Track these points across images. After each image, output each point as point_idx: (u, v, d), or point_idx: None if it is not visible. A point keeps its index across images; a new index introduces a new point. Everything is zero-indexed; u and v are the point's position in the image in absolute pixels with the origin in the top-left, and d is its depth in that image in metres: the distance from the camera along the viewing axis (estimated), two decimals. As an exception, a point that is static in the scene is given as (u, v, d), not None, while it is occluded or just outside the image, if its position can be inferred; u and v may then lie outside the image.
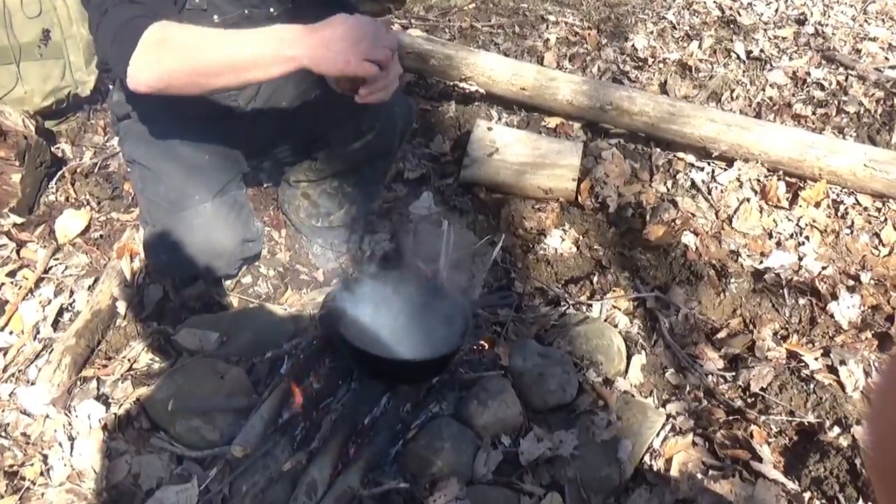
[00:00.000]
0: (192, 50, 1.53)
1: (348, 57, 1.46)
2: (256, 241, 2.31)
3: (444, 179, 3.09)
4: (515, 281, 2.60)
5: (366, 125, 2.28)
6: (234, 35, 1.54)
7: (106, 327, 2.33)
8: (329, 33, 1.49)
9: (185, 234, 2.08)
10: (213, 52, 1.52)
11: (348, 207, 2.58)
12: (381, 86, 1.57)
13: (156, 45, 1.54)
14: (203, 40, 1.54)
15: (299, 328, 2.24)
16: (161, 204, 2.09)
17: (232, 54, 1.50)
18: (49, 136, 3.12)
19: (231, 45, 1.51)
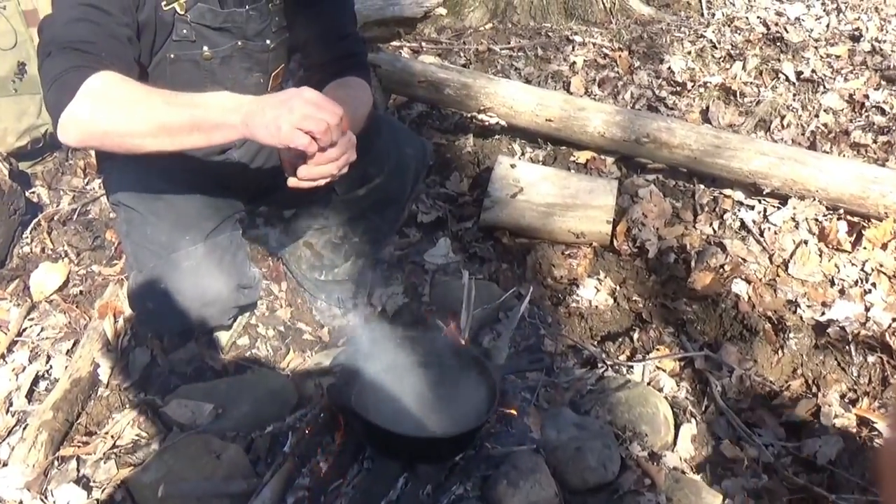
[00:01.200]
0: (128, 110, 1.58)
1: (279, 123, 1.49)
2: (253, 288, 2.30)
3: (463, 223, 3.08)
4: (545, 339, 2.57)
5: (373, 169, 2.28)
6: (176, 97, 1.58)
7: (86, 397, 2.31)
8: (270, 100, 1.55)
9: (174, 278, 2.08)
10: (149, 114, 1.56)
11: (355, 259, 2.57)
12: (319, 164, 1.60)
13: (91, 100, 1.58)
14: (141, 101, 1.58)
15: (304, 398, 2.23)
16: (148, 247, 2.10)
17: (169, 118, 1.56)
18: (23, 180, 3.15)
19: (170, 109, 1.56)
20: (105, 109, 1.59)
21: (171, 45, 1.92)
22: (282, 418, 2.10)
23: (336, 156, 1.62)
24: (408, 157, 2.33)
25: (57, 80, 1.60)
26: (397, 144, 2.28)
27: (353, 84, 2.04)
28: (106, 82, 1.60)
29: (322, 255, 2.56)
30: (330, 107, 1.56)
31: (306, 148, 1.54)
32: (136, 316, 2.31)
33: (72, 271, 2.79)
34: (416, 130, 3.60)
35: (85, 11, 1.70)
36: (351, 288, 2.65)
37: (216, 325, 2.35)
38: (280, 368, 2.43)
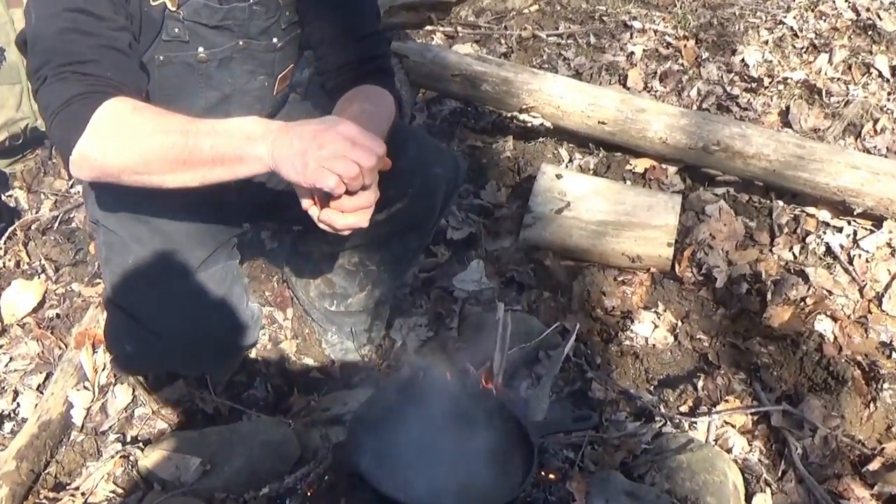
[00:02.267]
0: (141, 147, 1.58)
1: (306, 160, 1.48)
2: (251, 329, 2.25)
3: (500, 241, 3.03)
4: (593, 382, 2.49)
5: (395, 191, 2.17)
6: (194, 126, 1.57)
7: (57, 443, 2.27)
8: (300, 131, 1.52)
9: (158, 318, 2.02)
10: (165, 150, 1.56)
11: (371, 290, 2.50)
12: (345, 210, 1.58)
13: (100, 138, 1.58)
14: (156, 134, 1.57)
15: (307, 451, 2.17)
16: (128, 279, 2.03)
17: (188, 153, 1.55)
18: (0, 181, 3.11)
19: (187, 141, 1.55)
20: (117, 148, 1.60)
21: (159, 46, 1.84)
22: (280, 477, 2.04)
23: (366, 203, 1.59)
24: (436, 177, 2.25)
25: (60, 114, 1.60)
26: (424, 162, 2.20)
27: (373, 95, 1.95)
28: (115, 115, 1.60)
29: (333, 283, 2.50)
30: (367, 146, 1.52)
31: (332, 190, 1.51)
32: (113, 359, 2.27)
33: (49, 290, 2.74)
34: (447, 131, 3.56)
35: (73, 19, 1.64)
36: (365, 320, 2.58)
37: (207, 372, 2.34)
38: (281, 414, 2.37)
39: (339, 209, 1.58)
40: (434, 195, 2.27)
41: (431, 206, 2.30)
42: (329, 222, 1.60)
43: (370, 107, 1.89)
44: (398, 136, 2.16)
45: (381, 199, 2.16)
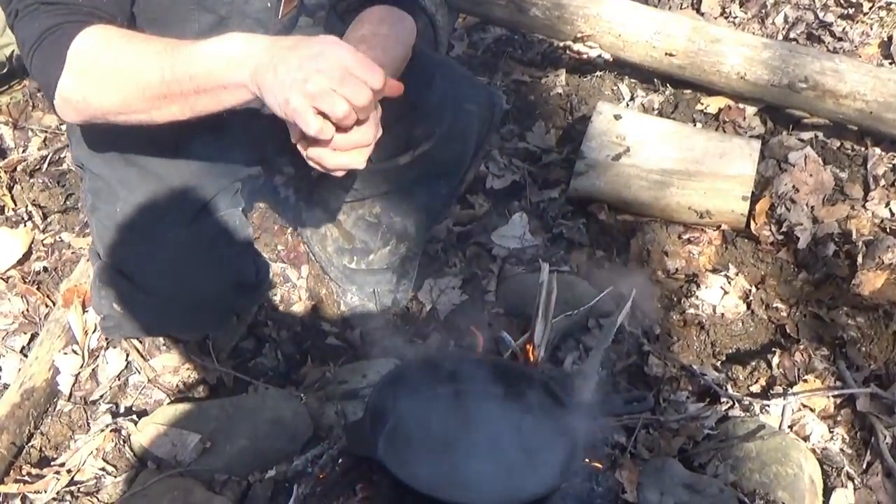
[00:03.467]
0: (118, 83, 1.61)
1: (287, 95, 1.45)
2: (257, 286, 2.26)
3: (546, 191, 3.01)
4: (650, 357, 2.48)
5: (421, 130, 2.19)
6: (172, 52, 1.58)
7: (42, 412, 2.29)
8: (285, 56, 1.48)
9: (149, 275, 2.02)
10: (142, 84, 1.58)
11: (395, 244, 2.51)
12: (337, 149, 1.53)
13: (77, 76, 1.62)
14: (132, 66, 1.59)
15: (320, 430, 2.17)
16: (116, 230, 2.03)
17: (167, 87, 1.56)
18: (-19, 116, 3.13)
19: (165, 71, 1.56)
20: (94, 87, 1.63)
21: None
22: (289, 458, 2.06)
23: (362, 141, 1.54)
24: (469, 115, 2.23)
25: (35, 52, 1.64)
26: (454, 98, 2.18)
27: (388, 17, 1.91)
28: (89, 50, 1.62)
29: (353, 237, 2.50)
30: (361, 77, 1.46)
31: (317, 135, 1.47)
32: (101, 321, 2.27)
33: (35, 240, 2.75)
34: (490, 63, 3.53)
35: None
36: (390, 279, 2.59)
37: (206, 333, 2.34)
38: (292, 386, 2.37)
39: (330, 146, 1.54)
40: (466, 136, 2.26)
41: (463, 149, 2.29)
42: (318, 160, 1.56)
43: (384, 29, 1.86)
44: (425, 66, 2.13)
45: (407, 140, 2.20)
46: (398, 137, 2.19)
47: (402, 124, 2.15)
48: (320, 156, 1.54)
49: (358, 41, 1.68)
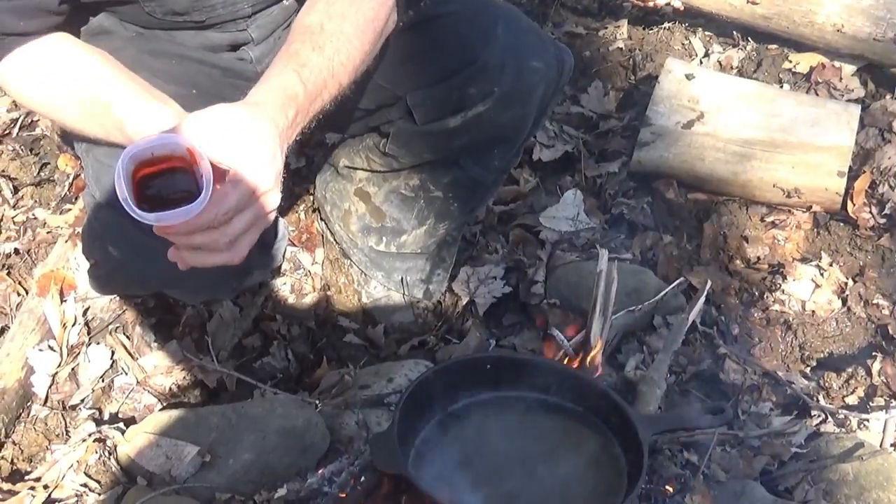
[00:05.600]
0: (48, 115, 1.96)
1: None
2: (274, 247, 2.30)
3: (604, 164, 3.01)
4: (727, 360, 2.47)
5: (476, 88, 2.18)
6: (104, 121, 1.78)
7: (13, 419, 2.30)
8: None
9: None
10: (72, 126, 1.87)
11: (434, 224, 2.51)
12: (193, 234, 1.55)
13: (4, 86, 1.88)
14: (52, 104, 1.85)
15: (338, 442, 2.18)
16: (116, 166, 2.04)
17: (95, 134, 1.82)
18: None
19: (96, 130, 1.82)
20: (21, 101, 1.96)
21: None
22: (302, 475, 2.06)
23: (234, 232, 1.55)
24: (534, 74, 2.21)
25: None
26: (517, 53, 2.18)
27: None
28: (8, 78, 1.83)
29: (383, 213, 2.51)
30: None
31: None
32: (92, 268, 2.28)
33: (5, 217, 2.77)
34: (538, 11, 3.51)
35: None
36: (423, 266, 2.59)
37: (212, 296, 2.36)
38: (305, 391, 2.38)
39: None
40: (528, 98, 2.25)
41: (524, 113, 2.28)
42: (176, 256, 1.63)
43: (338, 7, 1.84)
44: (485, 14, 2.15)
45: (458, 99, 2.20)
46: (449, 96, 2.20)
47: (454, 80, 2.17)
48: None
49: (302, 40, 1.72)
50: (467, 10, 2.18)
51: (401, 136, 2.34)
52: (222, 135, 1.48)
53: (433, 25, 2.13)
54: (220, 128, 1.49)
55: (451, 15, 2.15)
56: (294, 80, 1.65)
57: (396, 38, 2.01)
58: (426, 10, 2.09)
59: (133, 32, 2.03)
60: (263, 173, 1.50)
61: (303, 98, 1.65)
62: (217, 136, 1.48)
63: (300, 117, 1.66)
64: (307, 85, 1.66)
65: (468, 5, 2.20)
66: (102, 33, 2.02)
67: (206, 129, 1.48)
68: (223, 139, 1.48)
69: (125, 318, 2.48)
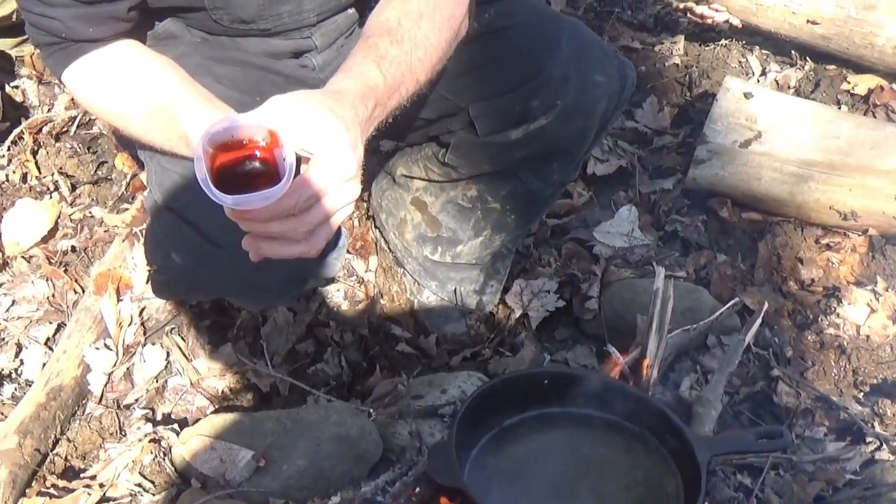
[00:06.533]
0: (112, 121, 1.97)
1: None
2: (335, 257, 2.22)
3: (659, 181, 3.01)
4: (780, 383, 2.46)
5: (538, 101, 2.18)
6: (168, 127, 1.81)
7: (69, 416, 2.31)
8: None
9: (218, 223, 1.99)
10: (136, 135, 1.90)
11: (490, 235, 2.50)
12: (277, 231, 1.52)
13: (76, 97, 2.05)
14: (123, 121, 1.90)
15: (391, 451, 2.19)
16: (181, 171, 2.02)
17: (160, 146, 1.86)
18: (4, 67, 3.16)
19: (159, 140, 1.85)
20: (88, 107, 2.02)
21: None
22: (355, 483, 2.07)
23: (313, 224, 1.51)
24: (597, 88, 2.22)
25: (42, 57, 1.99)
26: (582, 67, 2.18)
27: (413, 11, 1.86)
28: (78, 89, 1.91)
29: (440, 223, 2.51)
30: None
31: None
32: (152, 273, 2.30)
33: (62, 214, 2.77)
34: (593, 25, 3.49)
35: None
36: (477, 277, 2.59)
37: (273, 303, 2.37)
38: (358, 399, 2.39)
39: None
40: (592, 111, 2.24)
41: (585, 127, 2.27)
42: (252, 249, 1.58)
43: (414, 5, 1.82)
44: (549, 27, 2.15)
45: (522, 111, 2.19)
46: (511, 108, 2.20)
47: (517, 93, 2.17)
48: (251, 238, 1.56)
49: (380, 34, 1.70)
50: (532, 22, 2.18)
51: (461, 146, 2.34)
52: (304, 120, 1.45)
53: (497, 37, 2.13)
54: (302, 113, 1.46)
55: (515, 27, 2.16)
56: (374, 70, 1.64)
57: (459, 48, 2.01)
58: (490, 22, 2.10)
59: (199, 38, 2.04)
60: (346, 160, 1.46)
61: (382, 90, 1.63)
62: (299, 120, 1.44)
63: (378, 110, 1.63)
64: (387, 77, 1.64)
65: (533, 17, 2.21)
66: (168, 38, 2.03)
67: (288, 114, 1.45)
68: (305, 124, 1.44)
69: (180, 319, 2.49)
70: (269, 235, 1.51)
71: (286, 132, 1.40)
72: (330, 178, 1.45)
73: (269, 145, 1.43)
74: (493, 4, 2.12)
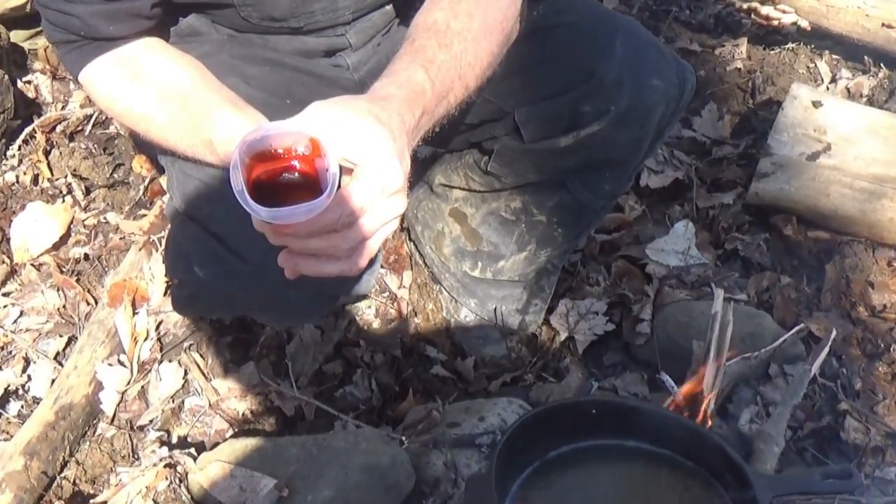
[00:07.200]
0: (133, 125, 1.94)
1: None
2: (370, 270, 2.23)
3: (718, 195, 2.99)
4: (849, 417, 2.42)
5: (591, 106, 2.17)
6: (192, 132, 1.82)
7: (79, 436, 2.32)
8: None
9: (244, 234, 1.99)
10: (157, 139, 1.90)
11: (535, 251, 2.49)
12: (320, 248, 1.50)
13: (92, 97, 2.01)
14: (135, 113, 1.89)
15: (425, 485, 2.17)
16: (204, 179, 2.03)
17: (183, 151, 1.87)
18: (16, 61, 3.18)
19: (183, 145, 1.85)
20: (107, 108, 2.00)
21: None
22: None
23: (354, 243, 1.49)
24: (653, 93, 2.20)
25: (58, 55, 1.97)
26: (638, 70, 2.16)
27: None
28: (97, 85, 1.90)
29: (480, 237, 2.50)
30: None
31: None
32: (174, 288, 2.31)
33: (76, 219, 2.78)
34: (649, 25, 3.46)
35: None
36: (520, 295, 2.58)
37: (302, 320, 2.38)
38: (389, 426, 2.39)
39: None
40: (647, 118, 2.23)
41: (640, 135, 2.26)
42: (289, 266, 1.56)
43: (463, 5, 1.80)
44: (603, 26, 2.14)
45: (572, 116, 2.18)
46: (560, 113, 2.19)
47: (567, 96, 2.16)
48: (288, 252, 1.54)
49: (428, 37, 1.68)
50: (584, 21, 2.17)
51: (505, 154, 2.33)
52: (348, 128, 1.42)
53: (546, 36, 2.12)
54: (345, 120, 1.44)
55: (566, 25, 2.15)
56: (422, 76, 1.62)
57: None
58: (539, 20, 2.09)
59: (225, 35, 2.05)
60: (393, 172, 1.43)
61: (430, 96, 1.61)
62: (342, 128, 1.42)
63: (425, 118, 1.61)
64: (435, 83, 1.63)
65: (585, 16, 2.19)
66: (193, 35, 2.04)
67: (331, 121, 1.43)
68: (349, 132, 1.42)
69: (199, 335, 2.49)
70: (308, 252, 1.49)
71: (329, 141, 1.38)
72: (375, 190, 1.42)
73: (309, 155, 1.41)
74: (541, 1, 2.10)
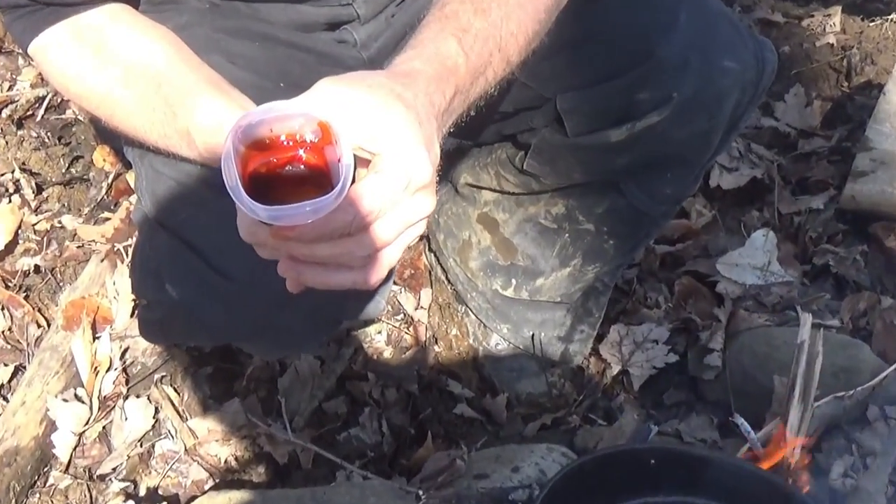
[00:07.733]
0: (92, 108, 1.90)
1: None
2: (382, 287, 2.24)
3: (805, 198, 3.00)
4: None
5: (649, 92, 2.17)
6: (165, 120, 1.78)
7: (27, 487, 2.33)
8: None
9: (227, 246, 1.97)
10: (122, 125, 1.86)
11: (580, 266, 2.50)
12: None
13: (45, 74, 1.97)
14: (104, 105, 1.85)
15: None
16: (180, 178, 2.03)
17: (152, 139, 1.81)
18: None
19: (153, 133, 1.80)
20: (62, 87, 1.94)
21: None
22: None
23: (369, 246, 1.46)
24: (725, 76, 2.20)
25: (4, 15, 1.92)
26: (707, 50, 2.16)
27: None
28: (46, 59, 1.86)
29: (515, 248, 2.51)
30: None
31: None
32: (141, 311, 2.31)
33: (25, 223, 2.80)
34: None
35: None
36: (563, 319, 2.59)
37: (289, 353, 2.40)
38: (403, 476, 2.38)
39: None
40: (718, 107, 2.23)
41: (711, 127, 2.26)
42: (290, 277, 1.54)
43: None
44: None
45: (627, 105, 2.19)
46: (612, 100, 2.19)
47: (620, 80, 2.16)
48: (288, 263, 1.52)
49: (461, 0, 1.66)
50: None
51: (545, 149, 2.33)
52: (365, 110, 1.38)
53: (595, 8, 2.09)
54: (362, 101, 1.40)
55: None
56: (454, 47, 1.58)
57: None
58: None
59: (207, 4, 2.03)
60: (420, 164, 1.38)
61: (464, 73, 1.57)
62: (359, 110, 1.38)
63: (458, 99, 1.57)
64: (470, 56, 1.59)
65: None
66: (169, 2, 2.03)
67: (344, 101, 1.39)
68: (367, 115, 1.38)
69: (173, 365, 2.50)
70: (315, 259, 1.45)
71: (342, 125, 1.34)
72: (398, 186, 1.38)
73: (318, 143, 1.38)
74: None
